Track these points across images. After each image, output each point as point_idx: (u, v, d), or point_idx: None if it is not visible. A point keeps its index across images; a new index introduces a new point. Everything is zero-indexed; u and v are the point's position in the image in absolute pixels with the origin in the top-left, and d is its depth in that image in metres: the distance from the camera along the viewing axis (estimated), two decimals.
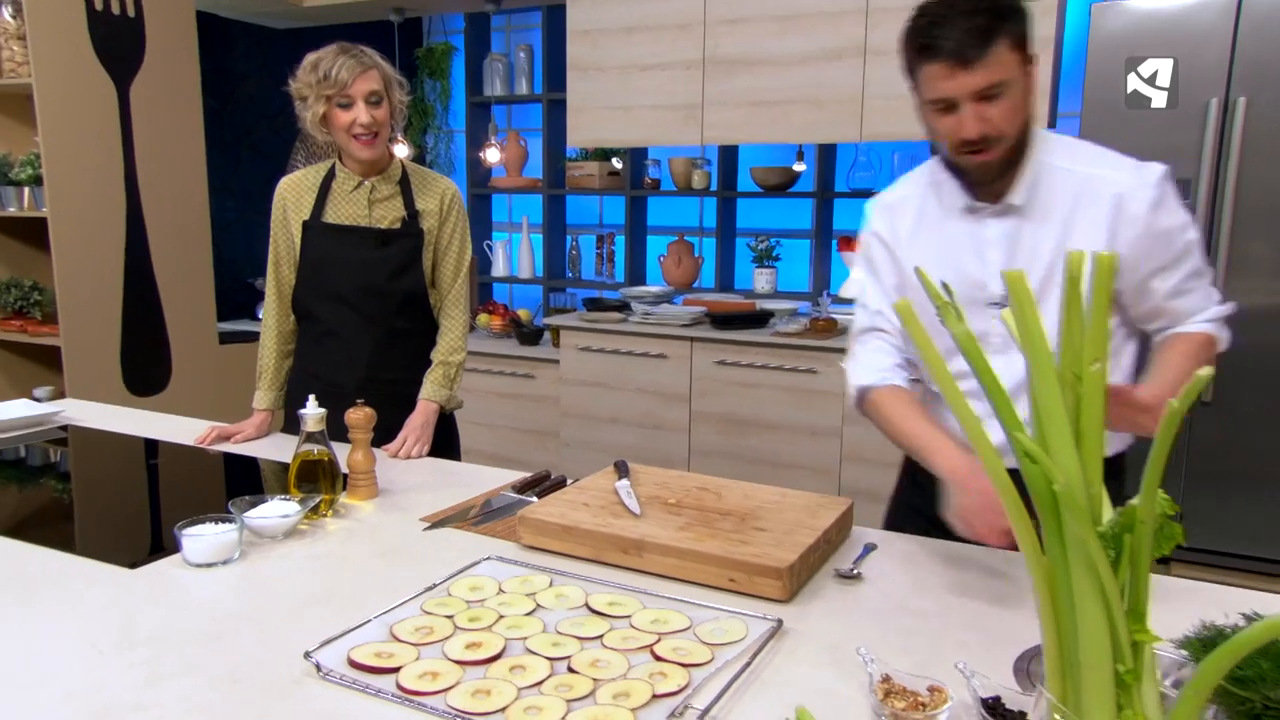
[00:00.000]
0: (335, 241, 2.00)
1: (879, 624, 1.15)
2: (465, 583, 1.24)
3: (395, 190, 2.02)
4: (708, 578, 1.25)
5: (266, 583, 1.26)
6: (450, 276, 2.09)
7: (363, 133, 1.87)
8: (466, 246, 2.11)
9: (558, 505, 1.42)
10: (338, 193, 2.00)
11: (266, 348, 2.07)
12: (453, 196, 2.09)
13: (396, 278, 2.02)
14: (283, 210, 2.03)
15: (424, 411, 1.99)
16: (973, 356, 0.61)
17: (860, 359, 1.50)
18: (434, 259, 2.08)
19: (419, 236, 2.03)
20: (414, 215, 2.02)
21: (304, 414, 1.51)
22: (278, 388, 2.08)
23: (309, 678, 1.01)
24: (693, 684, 0.98)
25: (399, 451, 1.90)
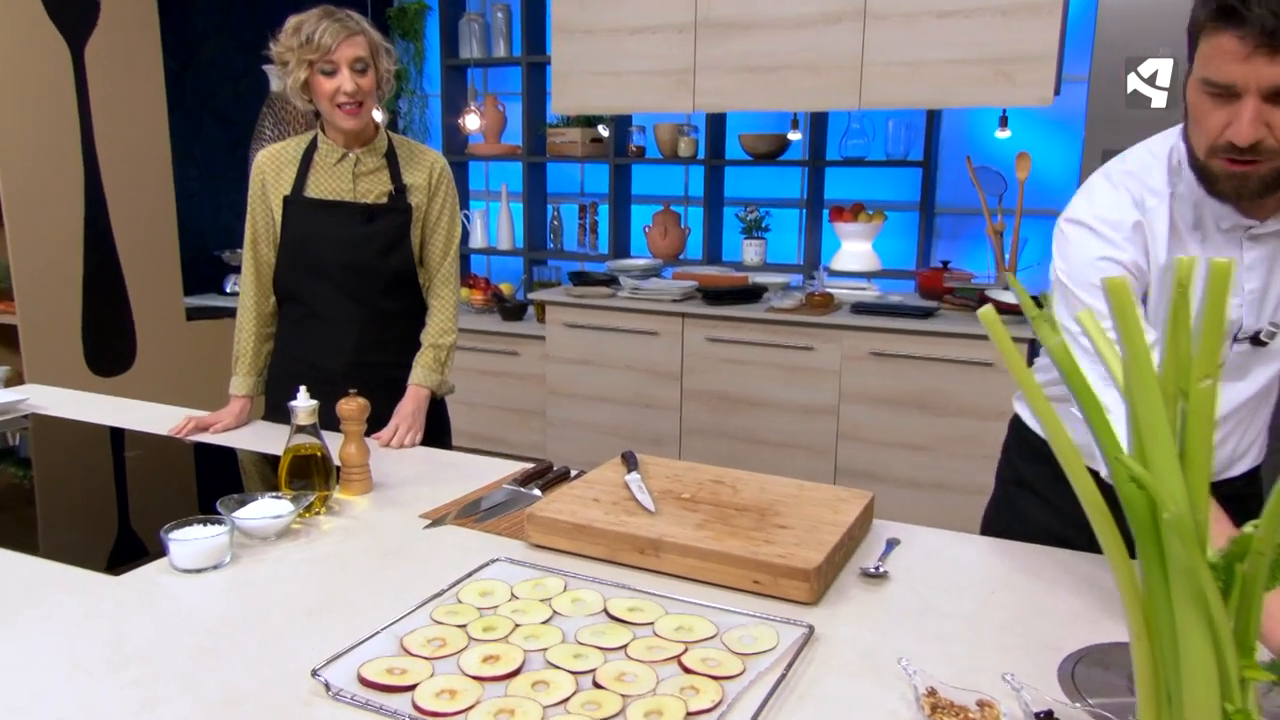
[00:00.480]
0: (318, 217, 1.93)
1: (913, 628, 1.13)
2: (475, 587, 1.20)
3: (381, 163, 1.95)
4: (730, 579, 1.22)
5: (262, 589, 1.22)
6: (439, 255, 2.03)
7: (347, 101, 1.80)
8: (456, 223, 2.05)
9: (567, 502, 1.38)
10: (320, 165, 1.93)
11: (244, 331, 2.00)
12: (441, 170, 2.02)
13: (384, 256, 1.96)
14: (261, 184, 1.95)
15: (415, 398, 1.94)
16: (1069, 372, 0.58)
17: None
18: (422, 236, 2.02)
19: (407, 212, 1.96)
20: (401, 190, 1.96)
21: (295, 406, 1.45)
22: (256, 373, 2.01)
23: (317, 698, 0.96)
24: (726, 699, 0.95)
25: (390, 440, 1.84)
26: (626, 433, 3.71)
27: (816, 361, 3.35)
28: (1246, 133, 1.06)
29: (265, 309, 2.01)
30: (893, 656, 1.05)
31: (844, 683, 1.00)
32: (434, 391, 1.99)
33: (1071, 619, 1.16)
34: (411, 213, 1.97)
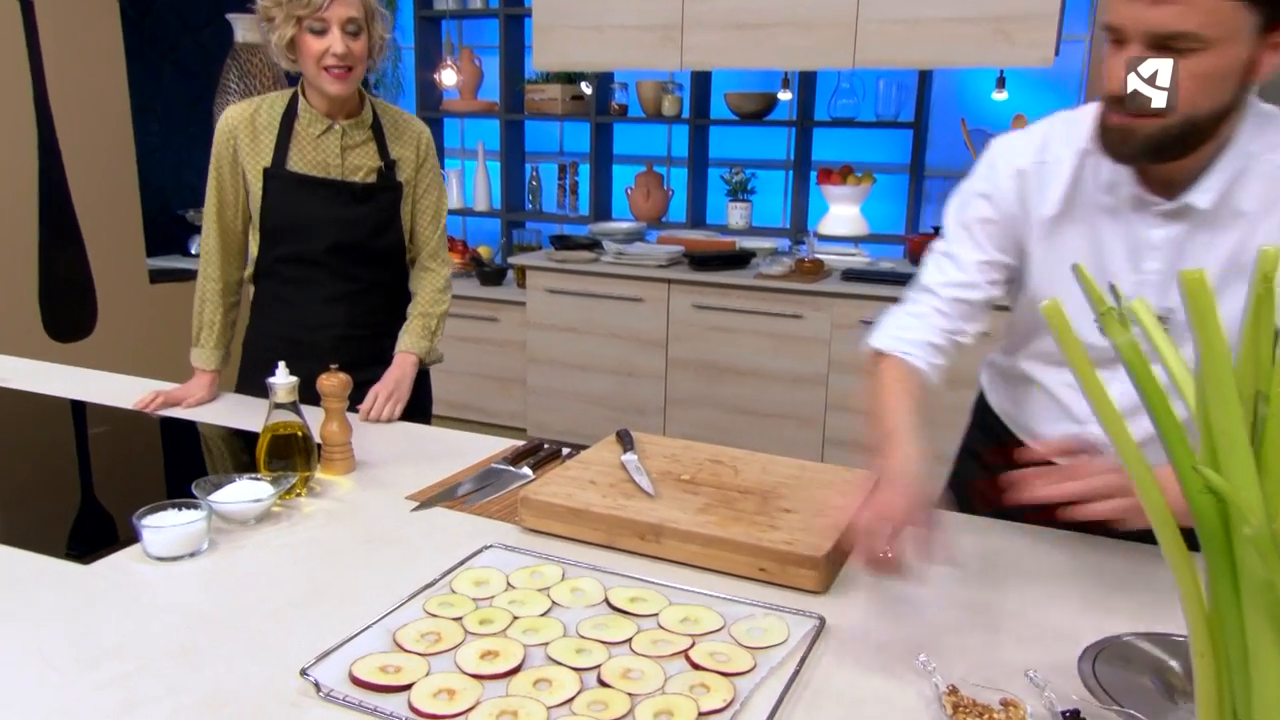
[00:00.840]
0: (305, 196, 1.83)
1: (925, 619, 1.10)
2: (469, 576, 1.16)
3: (368, 136, 1.86)
4: (734, 566, 1.19)
5: (243, 579, 1.17)
6: (429, 229, 1.96)
7: (335, 64, 1.70)
8: (443, 192, 1.99)
9: (562, 484, 1.34)
10: (304, 136, 1.83)
11: (208, 303, 1.91)
12: (427, 142, 1.95)
13: (376, 236, 1.89)
14: (232, 148, 1.84)
15: (400, 365, 1.87)
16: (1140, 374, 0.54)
17: (895, 319, 1.32)
18: (411, 211, 1.95)
19: (398, 190, 1.89)
20: (390, 165, 1.88)
21: (274, 383, 1.40)
22: (224, 345, 1.93)
23: (306, 698, 0.92)
24: (739, 698, 0.92)
25: (369, 412, 1.79)
26: (610, 402, 3.68)
27: (805, 330, 3.32)
28: (1119, 78, 0.99)
29: (231, 278, 1.92)
30: (907, 649, 1.03)
31: (859, 679, 0.98)
32: (422, 360, 1.92)
33: (1084, 606, 1.14)
34: (402, 190, 1.90)
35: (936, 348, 1.26)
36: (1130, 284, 1.16)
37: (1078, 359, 0.56)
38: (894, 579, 1.04)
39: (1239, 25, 0.94)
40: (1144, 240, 1.15)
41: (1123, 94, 0.99)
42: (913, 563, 1.01)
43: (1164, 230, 1.13)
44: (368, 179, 1.86)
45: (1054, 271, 1.25)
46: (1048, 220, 1.20)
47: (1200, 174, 1.08)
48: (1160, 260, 1.15)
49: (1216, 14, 0.93)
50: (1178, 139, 1.01)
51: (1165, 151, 1.03)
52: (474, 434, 1.75)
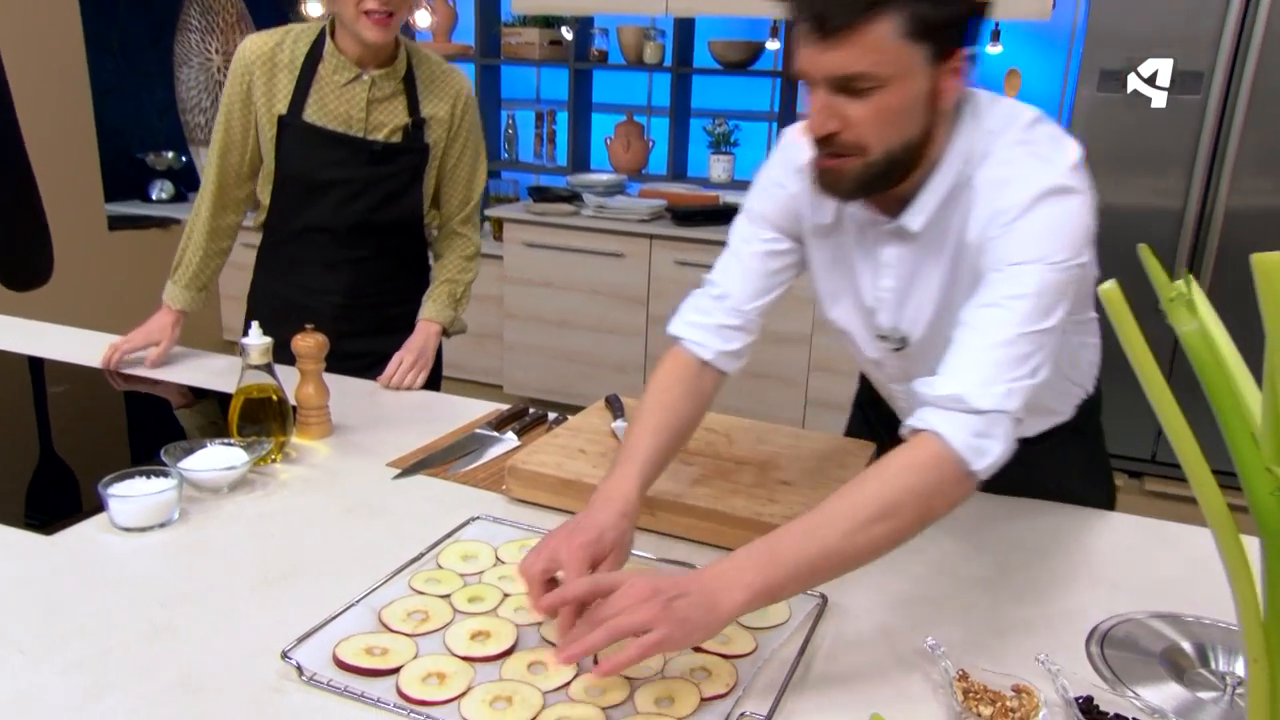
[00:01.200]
0: (319, 150, 1.70)
1: (929, 597, 1.08)
2: (455, 550, 1.12)
3: (399, 89, 1.71)
4: (731, 541, 1.16)
5: (216, 551, 1.12)
6: (460, 195, 1.83)
7: (377, 8, 1.55)
8: (480, 164, 1.84)
9: (551, 453, 1.30)
10: (326, 82, 1.67)
11: (194, 242, 1.77)
12: (466, 100, 1.78)
13: (391, 202, 1.75)
14: (246, 85, 1.68)
15: (423, 333, 1.77)
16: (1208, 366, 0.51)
17: (694, 302, 1.23)
18: (438, 178, 1.81)
19: (423, 153, 1.75)
20: (419, 124, 1.73)
21: (246, 344, 1.34)
22: (198, 287, 1.79)
23: (288, 682, 0.89)
24: (741, 682, 0.90)
25: (392, 379, 1.70)
26: (589, 360, 3.64)
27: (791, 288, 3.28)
28: (813, 123, 1.00)
29: (222, 224, 1.78)
30: (911, 628, 1.01)
31: (863, 662, 0.96)
32: (446, 329, 1.83)
33: (1088, 584, 1.13)
34: (428, 153, 1.75)
35: (731, 330, 1.19)
36: (872, 300, 1.19)
37: (1138, 347, 0.53)
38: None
39: (910, 60, 0.96)
40: (879, 258, 1.16)
41: (819, 136, 1.01)
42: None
43: (893, 249, 1.14)
44: (391, 138, 1.72)
45: (821, 278, 1.24)
46: (820, 228, 1.18)
47: (910, 201, 1.09)
48: (893, 278, 1.16)
49: (886, 54, 0.94)
50: (883, 174, 1.03)
51: (874, 187, 1.05)
52: (455, 396, 1.71)
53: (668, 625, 0.82)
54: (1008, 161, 1.03)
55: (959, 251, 1.09)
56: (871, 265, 1.17)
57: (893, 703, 0.89)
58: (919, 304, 1.16)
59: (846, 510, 0.90)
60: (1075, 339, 1.25)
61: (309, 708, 0.86)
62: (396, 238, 1.83)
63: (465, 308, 1.89)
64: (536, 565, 0.94)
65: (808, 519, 0.91)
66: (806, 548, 0.89)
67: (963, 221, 1.07)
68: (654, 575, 0.88)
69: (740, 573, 0.87)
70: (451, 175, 1.82)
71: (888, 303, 1.18)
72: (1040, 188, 0.99)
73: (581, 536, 0.96)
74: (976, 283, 1.03)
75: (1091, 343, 1.29)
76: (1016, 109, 1.07)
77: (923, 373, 1.21)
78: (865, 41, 0.93)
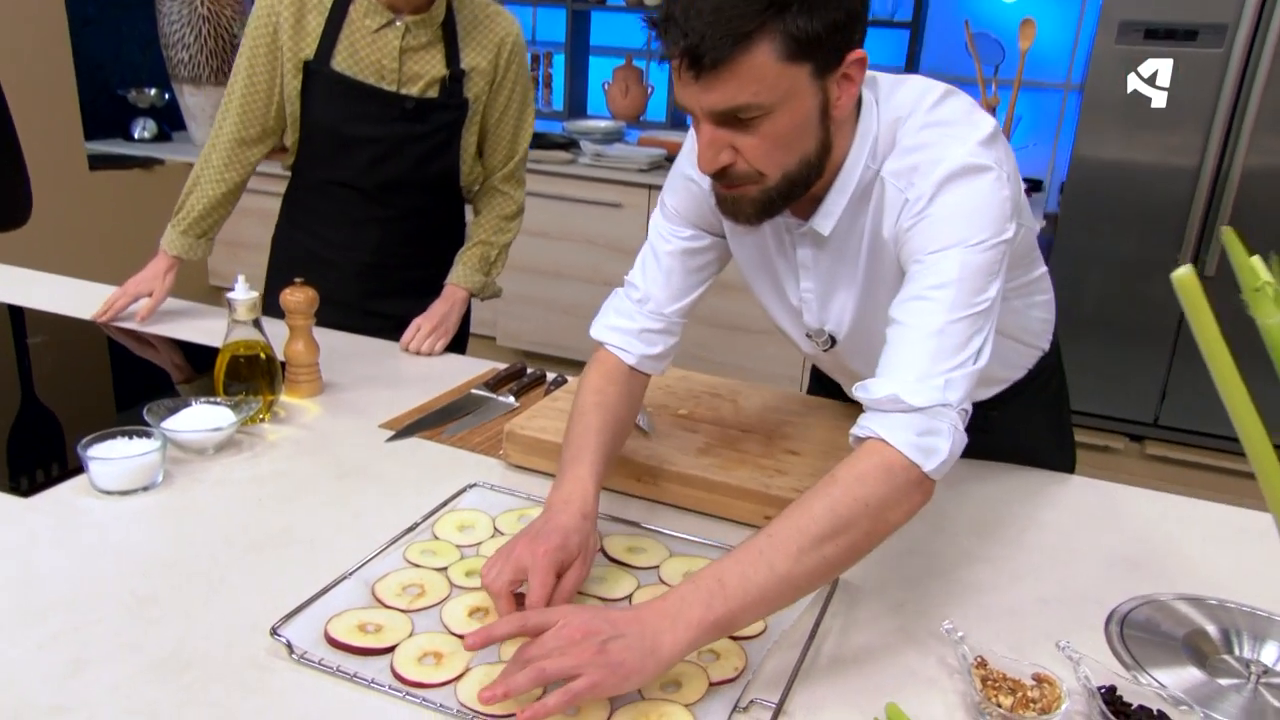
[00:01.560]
0: (348, 103, 1.60)
1: (942, 574, 1.05)
2: (452, 520, 1.09)
3: (436, 37, 1.59)
4: (738, 513, 1.13)
5: (203, 518, 1.09)
6: (503, 151, 1.73)
7: None
8: (528, 116, 1.73)
9: (551, 417, 1.26)
10: (357, 28, 1.57)
11: (200, 190, 1.66)
12: (513, 48, 1.66)
13: (425, 163, 1.66)
14: (272, 28, 1.57)
15: (449, 299, 1.70)
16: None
17: (615, 303, 1.18)
18: (480, 132, 1.70)
19: (461, 109, 1.64)
20: (458, 77, 1.61)
21: (233, 299, 1.29)
22: (198, 235, 1.69)
23: (277, 660, 0.85)
24: (750, 665, 0.87)
25: (410, 343, 1.63)
26: (584, 312, 3.56)
27: None
28: (702, 159, 0.95)
29: (233, 176, 1.67)
30: (924, 608, 0.98)
31: (875, 643, 0.93)
32: (475, 294, 1.75)
33: (1106, 563, 1.10)
34: (467, 109, 1.65)
35: (654, 333, 1.15)
36: (795, 300, 1.16)
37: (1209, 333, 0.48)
38: None
39: (794, 82, 0.90)
40: (796, 260, 1.12)
41: (709, 172, 0.96)
42: None
43: (807, 252, 1.10)
44: (427, 92, 1.61)
45: (747, 276, 1.20)
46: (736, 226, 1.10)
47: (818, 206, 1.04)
48: (812, 280, 1.12)
49: (766, 81, 0.88)
50: (784, 195, 0.98)
51: (776, 208, 0.99)
52: (450, 355, 1.66)
53: (599, 671, 0.77)
54: (913, 148, 0.98)
55: (875, 249, 1.04)
56: (790, 267, 1.13)
57: (908, 689, 0.86)
58: (841, 304, 1.12)
59: (795, 531, 0.84)
60: (1020, 302, 1.20)
61: (299, 688, 0.82)
62: (430, 197, 1.73)
63: (500, 270, 1.80)
64: (502, 577, 0.90)
65: (755, 543, 0.85)
66: (755, 575, 0.82)
67: (876, 218, 1.02)
68: (594, 613, 0.82)
69: (685, 608, 0.81)
70: (495, 129, 1.71)
71: (810, 304, 1.14)
72: (947, 170, 0.94)
73: (546, 543, 0.91)
74: (899, 278, 0.99)
75: (1041, 300, 1.25)
76: (922, 88, 1.01)
77: (857, 368, 1.19)
78: (743, 73, 0.87)
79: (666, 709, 0.81)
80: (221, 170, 1.66)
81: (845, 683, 0.87)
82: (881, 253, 1.04)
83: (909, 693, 0.86)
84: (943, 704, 0.85)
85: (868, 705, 0.84)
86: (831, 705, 0.84)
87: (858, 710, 0.83)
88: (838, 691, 0.86)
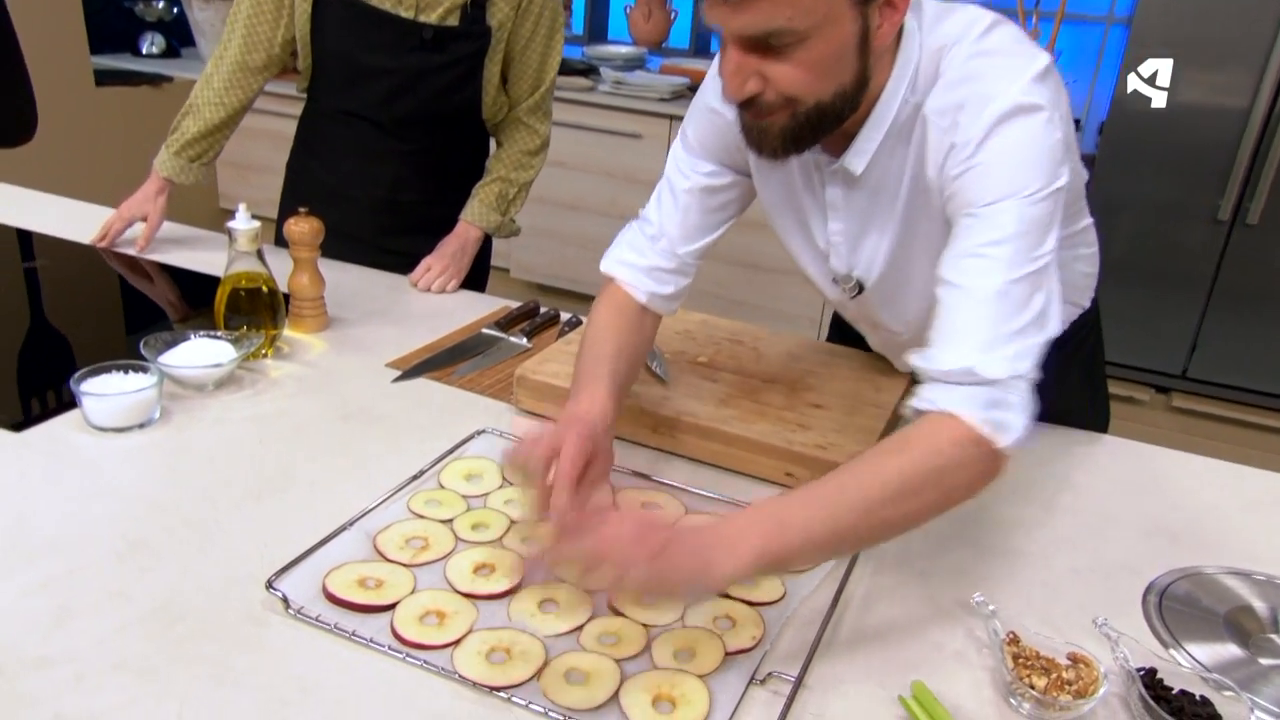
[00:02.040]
0: (362, 33, 1.51)
1: (971, 541, 1.00)
2: (459, 468, 1.04)
3: None
4: (758, 469, 1.08)
5: (199, 458, 1.04)
6: (526, 89, 1.63)
7: None
8: (556, 44, 1.62)
9: (564, 362, 1.21)
10: None
11: (196, 113, 1.58)
12: None
13: (444, 96, 1.56)
14: None
15: (461, 236, 1.62)
16: None
17: (628, 237, 1.13)
18: (504, 61, 1.59)
19: (484, 38, 1.53)
20: (480, 3, 1.51)
21: (234, 228, 1.23)
22: (191, 158, 1.61)
23: (273, 614, 0.82)
24: (768, 635, 0.83)
25: (419, 280, 1.56)
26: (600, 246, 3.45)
27: None
28: (729, 86, 0.88)
29: (234, 100, 1.58)
30: (951, 576, 0.94)
31: (898, 614, 0.89)
32: (489, 233, 1.67)
33: (1143, 531, 1.05)
34: (490, 38, 1.54)
35: (665, 272, 1.09)
36: (823, 242, 1.09)
37: None
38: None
39: (832, 5, 0.82)
40: (825, 199, 1.04)
41: (735, 100, 0.89)
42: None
43: (838, 191, 1.03)
44: (446, 20, 1.50)
45: (772, 217, 1.13)
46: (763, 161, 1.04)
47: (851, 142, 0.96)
48: (841, 221, 1.05)
49: (801, 4, 0.81)
50: (815, 126, 0.90)
51: (805, 141, 0.92)
52: (462, 292, 1.60)
53: (648, 574, 0.73)
54: (959, 81, 0.89)
55: (916, 192, 0.97)
56: (818, 206, 1.06)
57: (933, 664, 0.82)
58: (873, 249, 1.04)
59: (863, 488, 0.80)
60: (1066, 254, 1.13)
61: (294, 644, 0.79)
62: (451, 132, 1.65)
63: (519, 209, 1.71)
64: (538, 448, 0.88)
65: (819, 488, 0.81)
66: (817, 521, 0.78)
67: (918, 159, 0.94)
68: (654, 517, 0.78)
69: (743, 539, 0.77)
70: (521, 57, 1.60)
71: (839, 247, 1.07)
72: (998, 111, 0.86)
73: (576, 428, 0.89)
74: (941, 224, 0.92)
75: (1085, 254, 1.18)
76: (971, 16, 0.92)
77: (884, 318, 1.12)
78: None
79: (679, 680, 0.77)
80: (221, 94, 1.57)
81: (867, 657, 0.83)
82: (923, 198, 0.96)
83: (934, 668, 0.81)
84: (970, 681, 0.81)
85: (891, 681, 0.79)
86: (853, 680, 0.80)
87: (880, 686, 0.79)
88: (859, 666, 0.81)
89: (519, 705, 0.74)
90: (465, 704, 0.74)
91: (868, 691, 0.78)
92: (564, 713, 0.73)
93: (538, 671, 0.76)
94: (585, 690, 0.75)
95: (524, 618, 0.83)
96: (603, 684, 0.76)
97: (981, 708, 0.78)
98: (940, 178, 0.92)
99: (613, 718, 0.73)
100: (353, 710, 0.73)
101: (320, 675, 0.76)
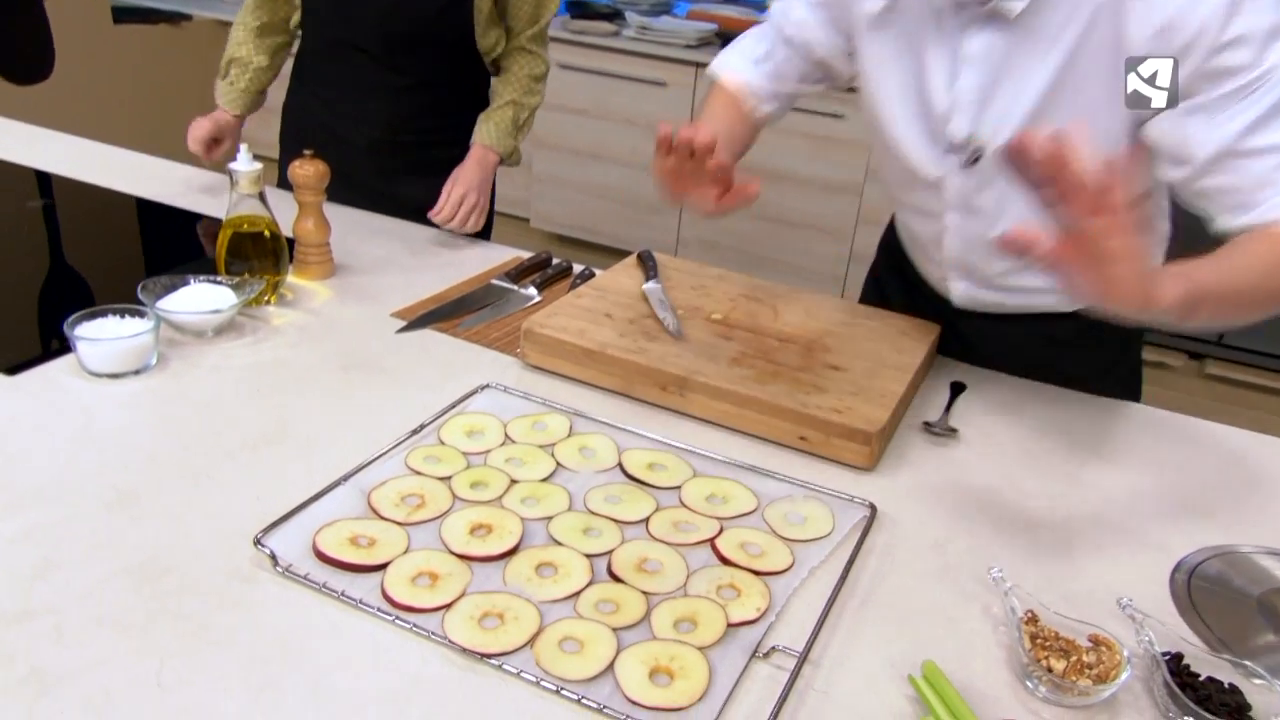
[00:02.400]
0: None
1: (992, 512, 0.96)
2: (460, 423, 1.01)
3: None
4: (770, 431, 1.04)
5: (195, 406, 1.01)
6: (525, 21, 1.58)
7: None
8: None
9: (573, 316, 1.16)
10: None
11: (240, 38, 1.58)
12: None
13: (437, 21, 1.51)
14: None
15: (479, 162, 1.53)
16: None
17: (742, 44, 1.23)
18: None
19: None
20: None
21: (235, 169, 1.19)
22: (255, 91, 1.60)
23: (261, 571, 0.79)
24: (774, 606, 0.79)
25: (441, 213, 1.47)
26: (622, 197, 3.44)
27: (846, 131, 3.04)
28: None
29: (278, 15, 1.59)
30: (968, 548, 0.90)
31: (911, 586, 0.85)
32: (503, 159, 1.60)
33: (1175, 507, 1.00)
34: None
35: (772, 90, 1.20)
36: (944, 105, 1.03)
37: None
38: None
39: None
40: (961, 49, 0.99)
41: None
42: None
43: (981, 38, 0.98)
44: None
45: (875, 81, 1.10)
46: (873, 17, 1.05)
47: None
48: (975, 76, 1.00)
49: None
50: None
51: None
52: (475, 241, 1.56)
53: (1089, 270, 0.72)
54: None
55: (1086, 44, 0.91)
56: (948, 59, 1.00)
57: (946, 642, 0.78)
58: (1007, 107, 0.99)
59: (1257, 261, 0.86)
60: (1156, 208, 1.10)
61: (281, 602, 0.76)
62: (446, 64, 1.59)
63: (526, 135, 1.65)
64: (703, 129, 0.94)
65: (1212, 260, 0.84)
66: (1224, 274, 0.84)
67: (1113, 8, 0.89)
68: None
69: (1165, 278, 0.77)
70: None
71: (966, 105, 1.01)
72: None
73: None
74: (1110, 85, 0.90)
75: (1165, 208, 1.13)
76: None
77: (987, 198, 1.06)
78: None
79: (679, 652, 0.73)
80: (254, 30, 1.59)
81: (877, 632, 0.79)
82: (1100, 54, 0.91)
83: (947, 646, 0.78)
84: (984, 660, 0.77)
85: (901, 659, 0.76)
86: (861, 657, 0.76)
87: (890, 664, 0.75)
88: (868, 642, 0.78)
89: (510, 673, 0.71)
90: (455, 670, 0.71)
91: (875, 669, 0.75)
92: (556, 683, 0.70)
93: (531, 639, 0.73)
94: (580, 660, 0.72)
95: (520, 582, 0.79)
96: (598, 654, 0.72)
97: (996, 690, 0.74)
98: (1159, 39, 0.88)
99: (607, 689, 0.70)
100: (339, 673, 0.70)
101: (306, 636, 0.73)
